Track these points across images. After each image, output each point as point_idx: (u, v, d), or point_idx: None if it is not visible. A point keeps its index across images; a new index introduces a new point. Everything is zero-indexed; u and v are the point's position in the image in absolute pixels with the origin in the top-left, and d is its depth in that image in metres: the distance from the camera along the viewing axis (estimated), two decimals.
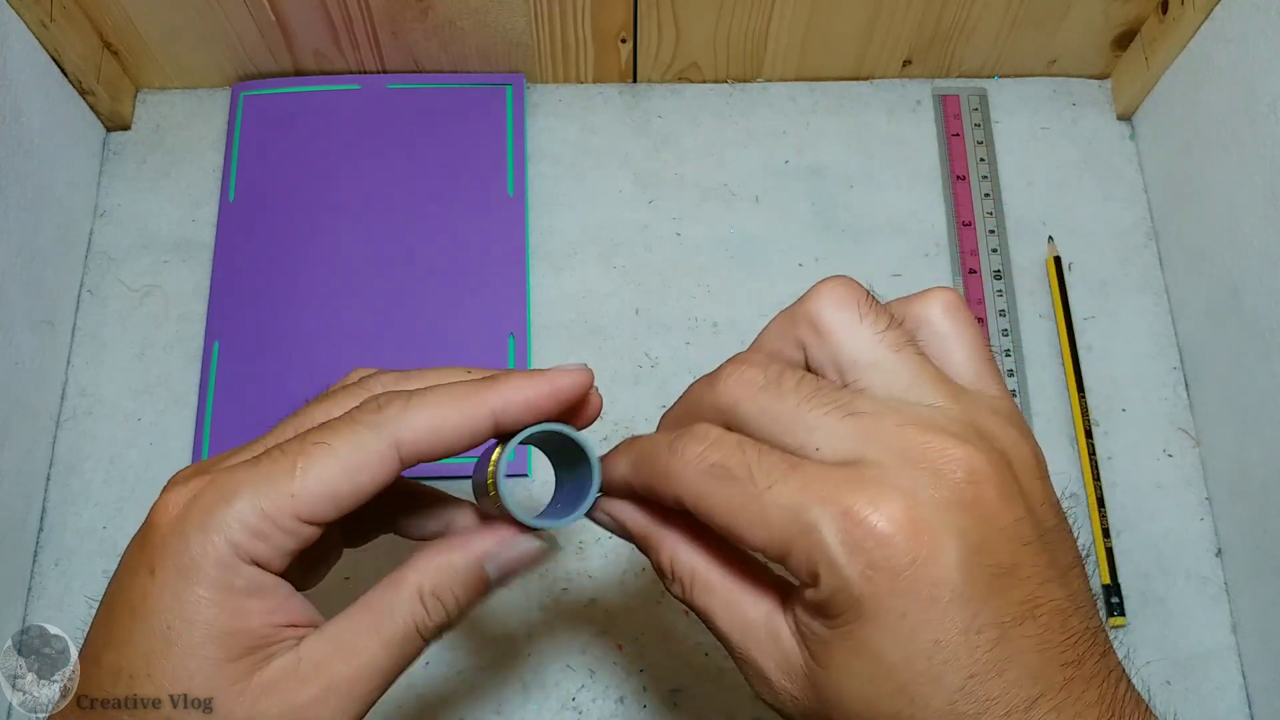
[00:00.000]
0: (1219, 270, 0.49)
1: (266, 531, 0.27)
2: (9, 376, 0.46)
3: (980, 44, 0.55)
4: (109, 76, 0.53)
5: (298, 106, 0.55)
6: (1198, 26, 0.50)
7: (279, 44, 0.53)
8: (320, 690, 0.27)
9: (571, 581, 0.48)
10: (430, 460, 0.29)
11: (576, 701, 0.46)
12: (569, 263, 0.53)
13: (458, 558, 0.29)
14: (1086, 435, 0.50)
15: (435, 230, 0.53)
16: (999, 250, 0.54)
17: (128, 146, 0.55)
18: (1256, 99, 0.45)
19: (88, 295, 0.52)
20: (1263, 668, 0.46)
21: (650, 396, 0.51)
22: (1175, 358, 0.52)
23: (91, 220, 0.54)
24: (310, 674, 0.27)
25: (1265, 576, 0.45)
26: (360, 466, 0.27)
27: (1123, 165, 0.56)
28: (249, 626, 0.27)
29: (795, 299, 0.29)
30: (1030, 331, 0.53)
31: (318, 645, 0.27)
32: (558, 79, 0.57)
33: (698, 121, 0.57)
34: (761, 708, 0.45)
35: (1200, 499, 0.50)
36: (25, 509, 0.47)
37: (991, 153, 0.56)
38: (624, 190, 0.55)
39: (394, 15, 0.51)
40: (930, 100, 0.57)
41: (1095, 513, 0.49)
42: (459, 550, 0.29)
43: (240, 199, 0.53)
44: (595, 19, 0.52)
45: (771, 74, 0.57)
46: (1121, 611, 0.47)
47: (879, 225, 0.54)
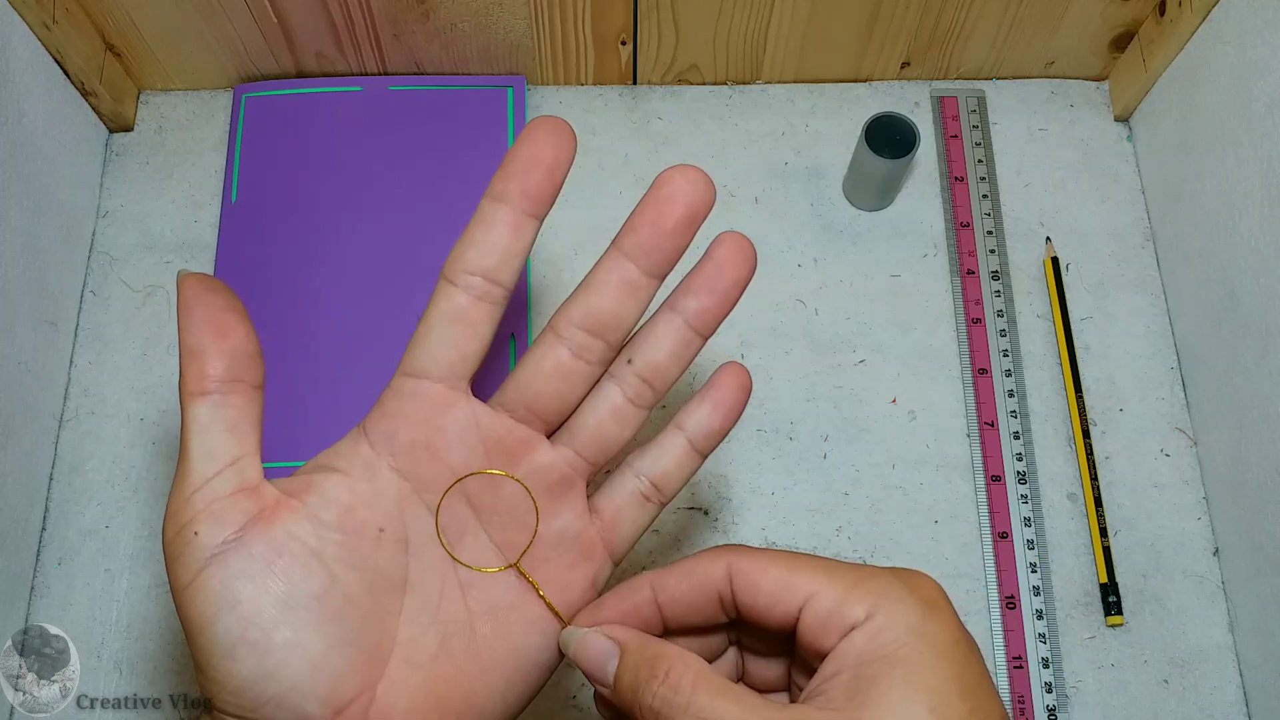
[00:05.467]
0: (1216, 271, 0.49)
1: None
2: (12, 377, 0.46)
3: (978, 46, 0.55)
4: (111, 78, 0.54)
5: (299, 108, 0.55)
6: (1195, 28, 0.50)
7: (281, 45, 0.53)
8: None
9: None
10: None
11: (577, 700, 0.46)
12: (569, 263, 0.54)
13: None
14: (1084, 435, 0.50)
15: (436, 231, 0.53)
16: (997, 251, 0.54)
17: (130, 147, 0.56)
18: (1254, 100, 0.46)
19: (90, 296, 0.53)
20: (1260, 666, 0.46)
21: None
22: (1173, 358, 0.53)
23: (94, 221, 0.54)
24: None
25: (1262, 575, 0.45)
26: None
27: (1120, 166, 0.56)
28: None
29: (793, 299, 0.29)
30: (1028, 332, 0.53)
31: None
32: (558, 81, 0.57)
33: (697, 123, 0.57)
34: None
35: (1198, 498, 0.50)
36: (28, 509, 0.47)
37: (989, 154, 0.56)
38: (624, 191, 0.55)
39: (395, 17, 0.52)
40: (929, 102, 0.57)
41: (1093, 512, 0.49)
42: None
43: (242, 200, 0.53)
44: (595, 21, 0.53)
45: (771, 76, 0.57)
46: (1119, 611, 0.47)
47: (878, 226, 0.55)
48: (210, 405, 0.29)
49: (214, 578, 0.28)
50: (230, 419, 0.29)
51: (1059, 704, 0.46)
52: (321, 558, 0.29)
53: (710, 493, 0.49)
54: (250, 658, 0.28)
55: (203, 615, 0.28)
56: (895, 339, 0.52)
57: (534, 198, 0.31)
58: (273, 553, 0.29)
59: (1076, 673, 0.47)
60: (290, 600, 0.28)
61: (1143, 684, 0.47)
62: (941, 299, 0.53)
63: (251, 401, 0.30)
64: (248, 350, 0.30)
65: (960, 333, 0.53)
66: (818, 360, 0.52)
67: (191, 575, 0.28)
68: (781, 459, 0.50)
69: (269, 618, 0.28)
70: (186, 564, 0.28)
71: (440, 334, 0.31)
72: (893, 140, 0.51)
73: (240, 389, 0.30)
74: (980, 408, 0.51)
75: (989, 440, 0.50)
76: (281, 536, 0.29)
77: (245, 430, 0.30)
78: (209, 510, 0.29)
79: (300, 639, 0.28)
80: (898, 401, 0.51)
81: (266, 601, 0.28)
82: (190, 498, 0.29)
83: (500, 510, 0.32)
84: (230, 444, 0.29)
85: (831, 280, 0.53)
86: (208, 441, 0.29)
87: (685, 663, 0.28)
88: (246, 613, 0.28)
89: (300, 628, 0.28)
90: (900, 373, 0.52)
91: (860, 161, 0.52)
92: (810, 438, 0.50)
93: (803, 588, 0.28)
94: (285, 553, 0.29)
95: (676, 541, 0.48)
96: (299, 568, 0.29)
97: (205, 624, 0.28)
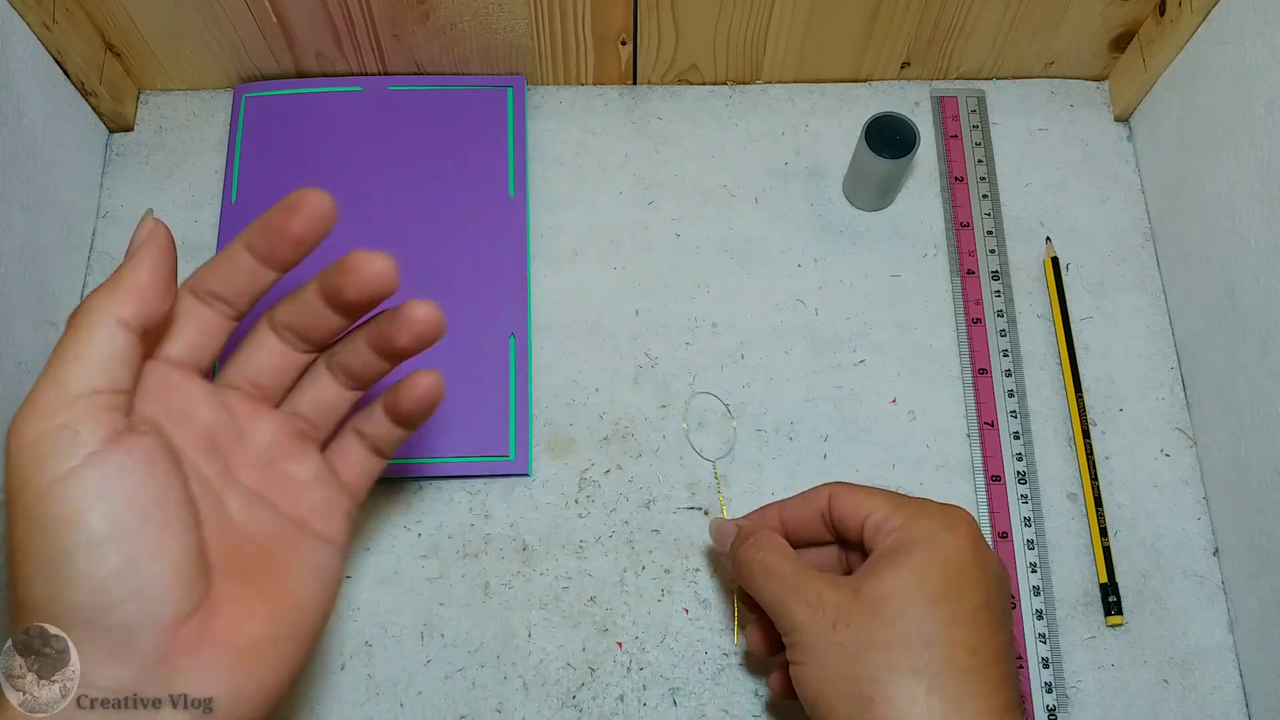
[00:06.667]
0: (1216, 270, 0.49)
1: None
2: (12, 377, 0.46)
3: (978, 46, 0.55)
4: (111, 78, 0.54)
5: (299, 108, 0.55)
6: (1195, 28, 0.50)
7: (281, 45, 0.53)
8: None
9: (571, 580, 0.48)
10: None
11: (577, 700, 0.46)
12: (569, 263, 0.54)
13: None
14: (1084, 435, 0.50)
15: (436, 231, 0.53)
16: (997, 251, 0.54)
17: (130, 148, 0.56)
18: (1253, 100, 0.46)
19: None
20: (1260, 666, 0.46)
21: (650, 396, 0.51)
22: (1172, 358, 0.53)
23: (94, 221, 0.54)
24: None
25: (1262, 575, 0.45)
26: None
27: (1120, 166, 0.56)
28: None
29: (793, 299, 0.29)
30: (1028, 332, 0.53)
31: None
32: (558, 81, 0.57)
33: (697, 123, 0.57)
34: (760, 706, 0.46)
35: (1197, 498, 0.50)
36: None
37: (989, 154, 0.56)
38: (624, 191, 0.55)
39: (395, 17, 0.52)
40: (929, 102, 0.57)
41: (1093, 512, 0.49)
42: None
43: (242, 200, 0.53)
44: (595, 21, 0.53)
45: (771, 76, 0.57)
46: (1119, 610, 0.47)
47: (878, 226, 0.55)
48: (128, 337, 0.31)
49: (91, 473, 0.29)
50: (132, 360, 0.31)
51: (1059, 704, 0.46)
52: (179, 473, 0.32)
53: (710, 492, 0.49)
54: (118, 554, 0.29)
55: (73, 510, 0.28)
56: (895, 339, 0.52)
57: (277, 261, 0.35)
58: (147, 459, 0.30)
59: (1076, 673, 0.47)
60: (160, 502, 0.30)
61: (1143, 684, 0.47)
62: (941, 299, 0.53)
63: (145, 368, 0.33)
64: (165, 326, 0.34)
65: (960, 333, 0.53)
66: (818, 360, 0.52)
67: (64, 471, 0.29)
68: (781, 459, 0.50)
69: (140, 516, 0.29)
70: (60, 459, 0.29)
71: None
72: (893, 140, 0.51)
73: (151, 354, 0.33)
74: (980, 408, 0.51)
75: (989, 440, 0.50)
76: (154, 446, 0.31)
77: (131, 380, 0.31)
78: (93, 412, 0.29)
79: (165, 539, 0.30)
80: (898, 401, 0.51)
81: (140, 500, 0.30)
82: (74, 399, 0.29)
83: (250, 459, 0.36)
84: (123, 376, 0.31)
85: (831, 280, 0.53)
86: (111, 361, 0.30)
87: (765, 535, 0.40)
88: (120, 508, 0.29)
89: (165, 529, 0.30)
90: (900, 373, 0.52)
91: (860, 161, 0.52)
92: (810, 438, 0.50)
93: (867, 506, 0.38)
94: (158, 461, 0.31)
95: (676, 542, 0.48)
96: (168, 476, 0.31)
97: (74, 519, 0.28)
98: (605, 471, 0.50)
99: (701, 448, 0.50)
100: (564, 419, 0.50)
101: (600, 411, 0.51)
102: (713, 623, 0.47)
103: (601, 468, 0.50)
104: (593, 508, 0.49)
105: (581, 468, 0.50)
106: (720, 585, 0.48)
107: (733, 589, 0.47)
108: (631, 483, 0.49)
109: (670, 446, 0.50)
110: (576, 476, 0.50)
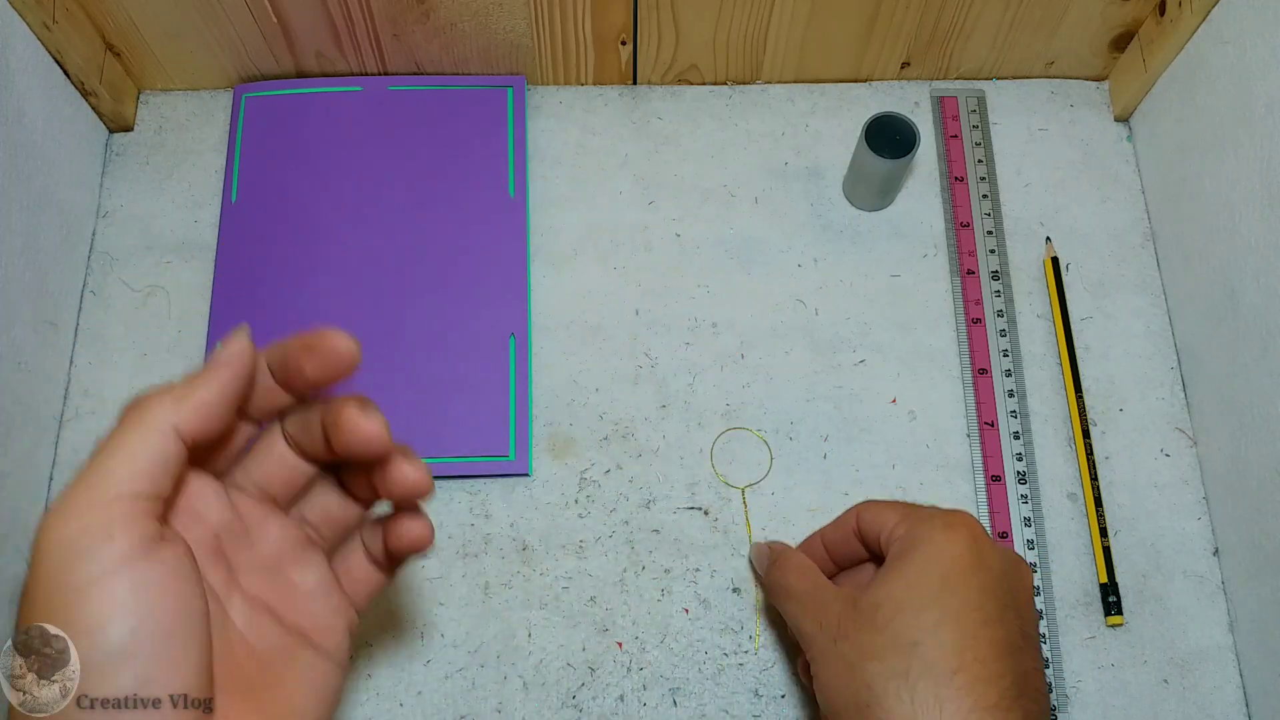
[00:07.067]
0: (1216, 270, 0.49)
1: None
2: (12, 377, 0.46)
3: (978, 46, 0.55)
4: (111, 78, 0.54)
5: (299, 108, 0.55)
6: (1195, 28, 0.50)
7: (281, 45, 0.53)
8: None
9: (571, 580, 0.48)
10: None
11: (577, 699, 0.46)
12: (569, 263, 0.54)
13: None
14: (1084, 435, 0.50)
15: (436, 231, 0.53)
16: (997, 251, 0.54)
17: (130, 147, 0.56)
18: (1253, 100, 0.46)
19: (90, 296, 0.53)
20: (1260, 666, 0.46)
21: (650, 396, 0.51)
22: (1172, 358, 0.53)
23: (94, 221, 0.54)
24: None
25: (1262, 575, 0.45)
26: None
27: (1120, 166, 0.56)
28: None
29: (793, 299, 0.29)
30: (1028, 332, 0.53)
31: None
32: (558, 81, 0.57)
33: (697, 123, 0.57)
34: (760, 706, 0.46)
35: (1198, 498, 0.50)
36: (29, 509, 0.47)
37: (989, 154, 0.56)
38: (624, 191, 0.55)
39: (395, 17, 0.52)
40: (929, 102, 0.57)
41: (1093, 512, 0.49)
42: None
43: (242, 200, 0.53)
44: (595, 21, 0.53)
45: (771, 76, 0.57)
46: (1119, 610, 0.47)
47: (878, 226, 0.55)
48: (179, 448, 0.30)
49: (120, 582, 0.28)
50: (178, 471, 0.30)
51: (1059, 704, 0.46)
52: (200, 587, 0.31)
53: (710, 493, 0.49)
54: (130, 674, 0.28)
55: (95, 619, 0.28)
56: (895, 339, 0.52)
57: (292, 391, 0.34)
58: (176, 570, 0.29)
59: (1076, 673, 0.47)
60: (182, 617, 0.29)
61: (1143, 684, 0.47)
62: (941, 299, 0.53)
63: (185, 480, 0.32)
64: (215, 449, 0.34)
65: (960, 333, 0.53)
66: (818, 360, 0.52)
67: (93, 575, 0.28)
68: (781, 459, 0.50)
69: (162, 632, 0.28)
70: (90, 562, 0.28)
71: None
72: (893, 140, 0.51)
73: (194, 468, 0.32)
74: (980, 408, 0.51)
75: (989, 440, 0.50)
76: (182, 556, 0.30)
77: (173, 489, 0.31)
78: (130, 516, 0.29)
79: (180, 659, 0.29)
80: (898, 401, 0.51)
81: (162, 615, 0.29)
82: (114, 499, 0.29)
83: (255, 565, 0.34)
84: (167, 484, 0.30)
85: (831, 280, 0.53)
86: (159, 467, 0.29)
87: (788, 557, 0.43)
88: (142, 623, 0.28)
89: (184, 647, 0.29)
90: (900, 373, 0.52)
91: (860, 161, 0.52)
92: (810, 438, 0.50)
93: (885, 519, 0.40)
94: (183, 572, 0.30)
95: (676, 542, 0.48)
96: (192, 589, 0.30)
97: (95, 628, 0.28)
98: (605, 471, 0.50)
99: (728, 476, 0.50)
100: (564, 419, 0.50)
101: (600, 411, 0.51)
102: (713, 623, 0.47)
103: (601, 468, 0.50)
104: (593, 508, 0.49)
105: (581, 468, 0.50)
106: (719, 585, 0.48)
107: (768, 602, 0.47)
108: (631, 483, 0.49)
109: (670, 446, 0.50)
110: (576, 476, 0.50)
